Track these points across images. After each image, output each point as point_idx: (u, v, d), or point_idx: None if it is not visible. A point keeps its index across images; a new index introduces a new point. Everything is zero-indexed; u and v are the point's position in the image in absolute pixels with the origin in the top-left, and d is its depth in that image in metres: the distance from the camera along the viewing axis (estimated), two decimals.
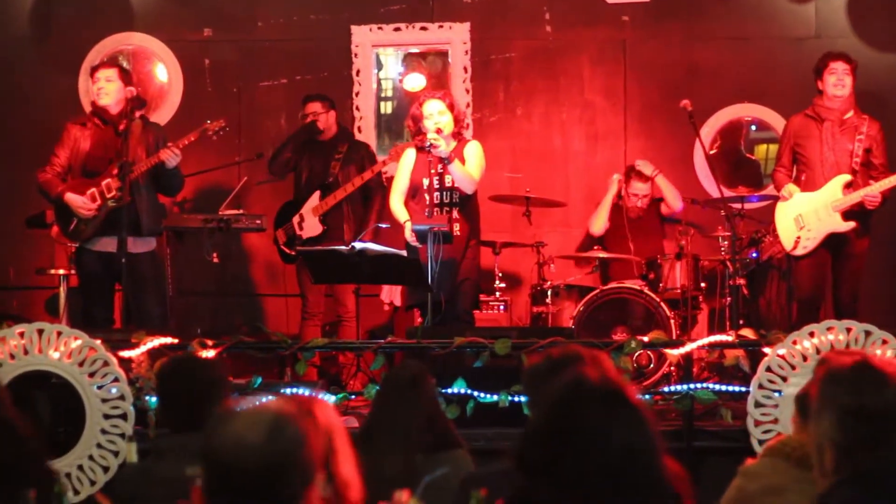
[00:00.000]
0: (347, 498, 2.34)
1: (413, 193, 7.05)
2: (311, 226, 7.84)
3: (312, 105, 8.05)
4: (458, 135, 7.07)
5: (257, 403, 2.37)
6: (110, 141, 7.11)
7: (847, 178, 7.10)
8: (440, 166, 6.88)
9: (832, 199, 7.10)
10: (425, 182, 6.95)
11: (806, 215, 7.17)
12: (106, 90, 7.15)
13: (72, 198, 7.05)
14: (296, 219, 7.90)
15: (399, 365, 4.82)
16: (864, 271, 7.37)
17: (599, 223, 8.39)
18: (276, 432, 2.27)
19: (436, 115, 6.94)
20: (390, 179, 7.77)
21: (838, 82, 7.19)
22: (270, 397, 3.37)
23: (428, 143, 6.77)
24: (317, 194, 7.84)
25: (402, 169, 7.12)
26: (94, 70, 7.37)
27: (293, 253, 7.88)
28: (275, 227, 8.05)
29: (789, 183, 7.30)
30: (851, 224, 7.07)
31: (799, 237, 7.17)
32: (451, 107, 7.00)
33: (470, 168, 6.95)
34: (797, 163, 7.38)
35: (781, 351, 5.58)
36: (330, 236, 7.75)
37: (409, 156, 7.12)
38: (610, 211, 8.42)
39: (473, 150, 7.05)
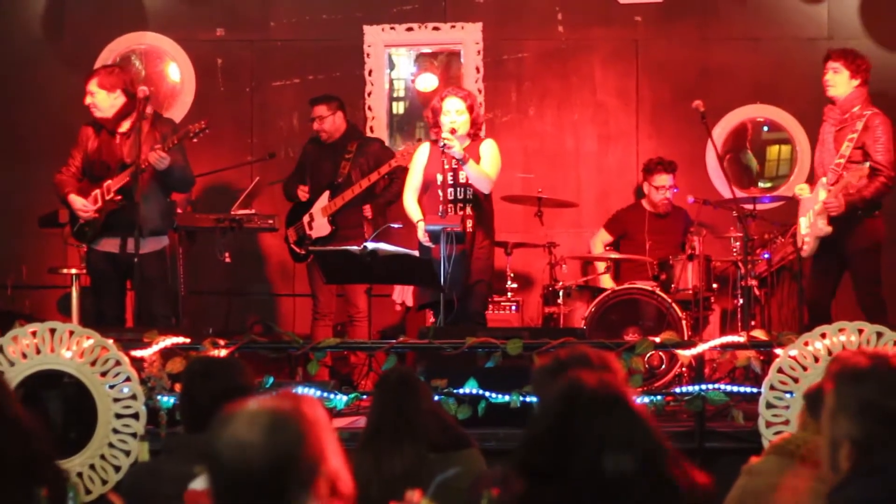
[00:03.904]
0: (338, 490, 2.35)
1: (426, 188, 7.03)
2: (320, 226, 7.84)
3: (318, 109, 8.02)
4: (473, 135, 7.05)
5: (255, 402, 2.38)
6: (108, 145, 7.12)
7: (824, 181, 6.91)
8: (454, 162, 6.86)
9: (816, 203, 6.93)
10: (439, 178, 6.92)
11: (806, 219, 7.06)
12: (94, 103, 7.10)
13: (74, 199, 7.09)
14: (306, 218, 7.91)
15: (387, 371, 4.85)
16: (875, 271, 7.05)
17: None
18: (276, 431, 2.28)
19: (453, 112, 6.92)
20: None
21: (826, 83, 7.08)
22: None
23: (442, 144, 6.75)
24: (326, 194, 7.84)
25: (416, 165, 7.09)
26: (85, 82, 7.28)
27: (303, 252, 7.89)
28: (286, 227, 8.06)
29: (801, 183, 7.23)
30: (828, 229, 6.81)
31: (804, 239, 7.10)
32: (471, 108, 6.97)
33: (485, 167, 6.93)
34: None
35: (793, 352, 5.56)
36: (339, 236, 7.75)
37: (423, 151, 7.11)
38: (630, 210, 8.43)
39: (489, 149, 7.03)
